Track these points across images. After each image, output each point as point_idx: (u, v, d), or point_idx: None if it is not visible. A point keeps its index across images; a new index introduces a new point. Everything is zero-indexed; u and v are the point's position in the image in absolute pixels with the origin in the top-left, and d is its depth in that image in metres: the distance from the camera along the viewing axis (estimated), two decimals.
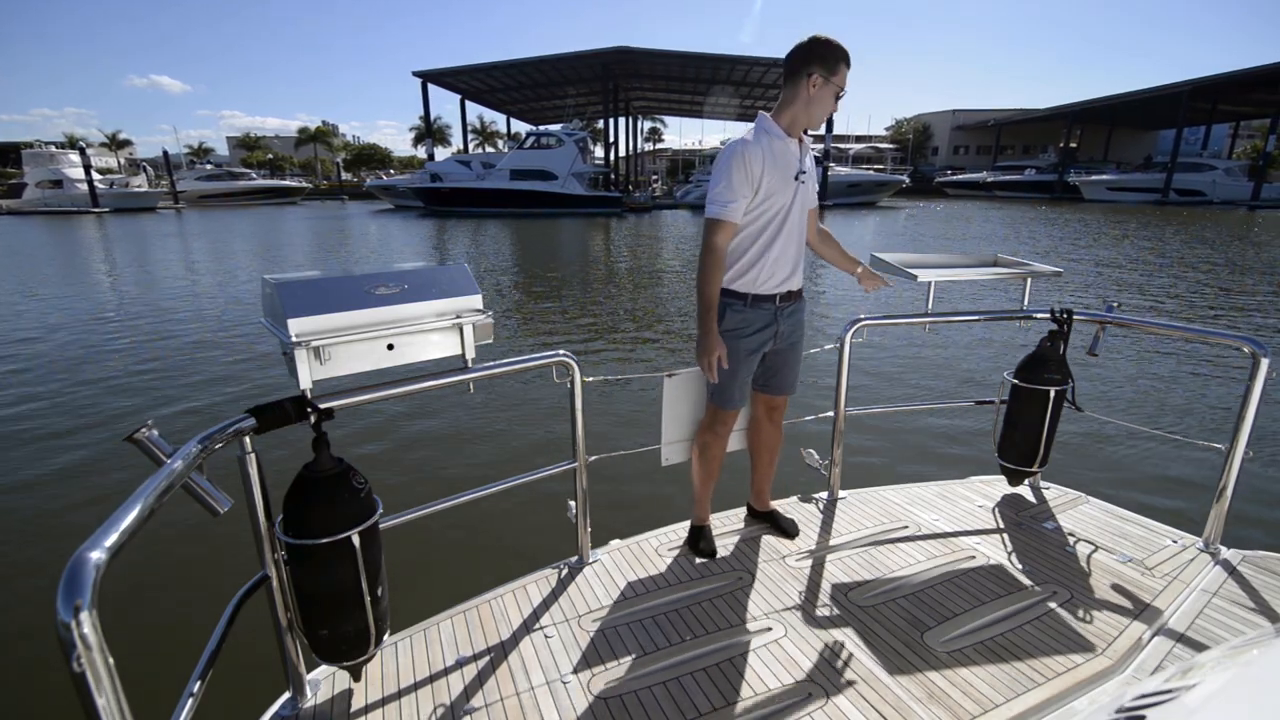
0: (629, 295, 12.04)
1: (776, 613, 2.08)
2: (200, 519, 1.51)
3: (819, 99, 2.05)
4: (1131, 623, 2.03)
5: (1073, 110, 58.05)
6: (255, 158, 76.44)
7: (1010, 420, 2.80)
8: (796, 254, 2.21)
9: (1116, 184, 48.74)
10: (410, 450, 5.07)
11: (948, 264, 2.79)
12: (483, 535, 3.73)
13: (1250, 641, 1.05)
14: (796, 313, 2.30)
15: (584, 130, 42.29)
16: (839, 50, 2.02)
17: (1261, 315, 9.74)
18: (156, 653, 2.68)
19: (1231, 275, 13.42)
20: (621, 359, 7.70)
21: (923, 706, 1.69)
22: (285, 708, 1.70)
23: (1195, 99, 46.99)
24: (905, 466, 4.60)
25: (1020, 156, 68.85)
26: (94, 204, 42.71)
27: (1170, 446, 4.85)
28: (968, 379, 6.73)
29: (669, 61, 41.00)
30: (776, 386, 2.39)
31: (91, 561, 0.89)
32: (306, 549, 1.48)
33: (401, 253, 20.39)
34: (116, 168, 62.97)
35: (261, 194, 54.12)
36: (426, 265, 1.79)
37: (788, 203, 2.11)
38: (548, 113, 58.15)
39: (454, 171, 40.25)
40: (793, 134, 2.11)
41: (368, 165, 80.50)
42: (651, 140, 79.67)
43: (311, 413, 1.51)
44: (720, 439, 2.40)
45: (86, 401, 6.18)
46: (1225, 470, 2.37)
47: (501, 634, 1.99)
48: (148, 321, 9.77)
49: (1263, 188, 43.35)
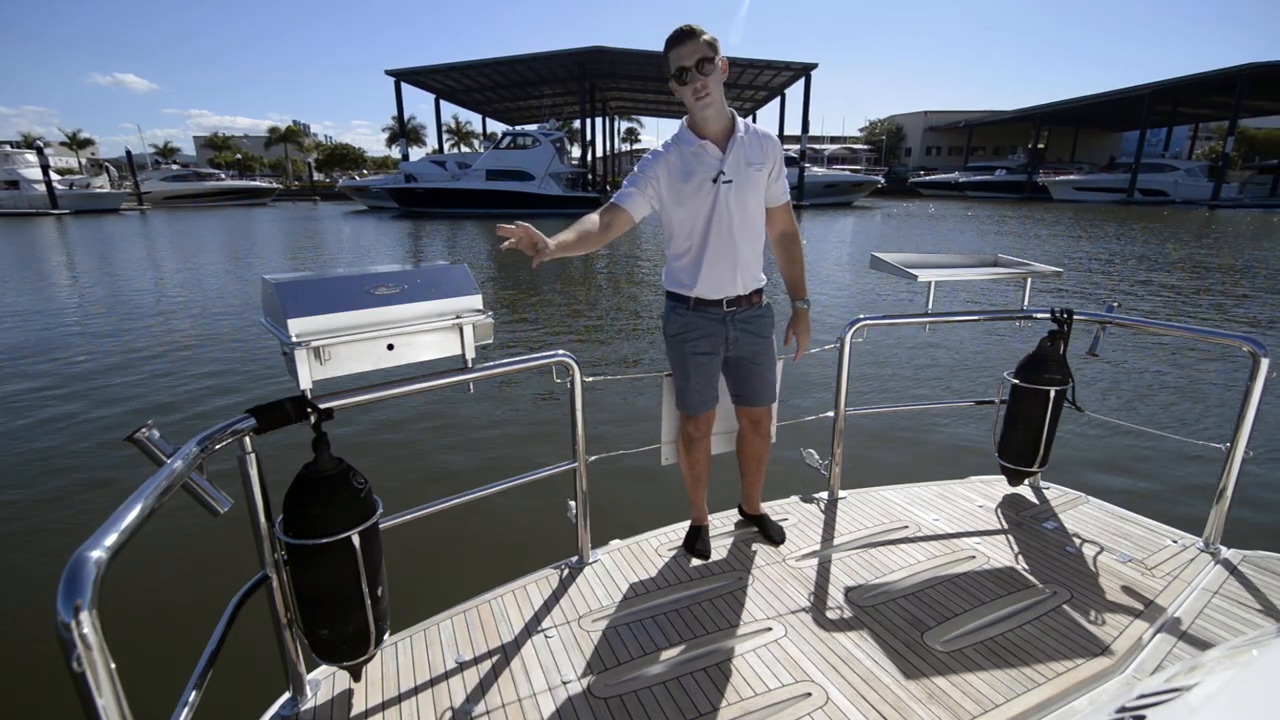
0: (615, 296, 12.03)
1: (777, 613, 2.09)
2: (200, 519, 1.49)
3: (681, 95, 1.98)
4: (1132, 623, 2.03)
5: (1040, 112, 59.39)
6: (224, 158, 74.77)
7: (1010, 420, 2.80)
8: (735, 259, 2.10)
9: (1083, 184, 49.88)
10: (410, 450, 5.05)
11: (948, 264, 2.80)
12: (483, 535, 3.72)
13: (1251, 641, 1.06)
14: (754, 320, 2.21)
15: (561, 130, 42.12)
16: (667, 44, 1.95)
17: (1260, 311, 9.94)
18: (156, 652, 2.64)
19: (1226, 276, 13.61)
20: (620, 359, 7.70)
21: (923, 706, 1.70)
22: (285, 708, 1.69)
23: (1157, 102, 48.39)
24: (905, 466, 4.60)
25: (991, 157, 70.15)
26: (53, 205, 41.26)
27: (1170, 446, 4.86)
28: (968, 379, 6.75)
29: (645, 61, 41.02)
30: (748, 397, 2.32)
31: (91, 561, 0.89)
32: (306, 549, 1.48)
33: (377, 255, 20.12)
34: (77, 168, 61.17)
35: (230, 195, 52.95)
36: (426, 265, 1.78)
37: (707, 208, 2.04)
38: (524, 113, 57.82)
39: (429, 172, 39.78)
40: (706, 136, 2.03)
41: (341, 166, 79.32)
42: (629, 140, 79.76)
43: (311, 413, 1.51)
44: (697, 442, 2.37)
45: (67, 404, 6.04)
46: (1225, 470, 2.37)
47: (501, 634, 1.99)
48: (101, 324, 9.53)
49: (1222, 188, 44.80)
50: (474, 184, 37.42)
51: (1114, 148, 67.87)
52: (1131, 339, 7.83)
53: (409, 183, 38.96)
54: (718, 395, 2.33)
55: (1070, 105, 55.84)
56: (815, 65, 42.22)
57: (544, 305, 11.03)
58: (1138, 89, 47.95)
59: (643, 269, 15.55)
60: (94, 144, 72.63)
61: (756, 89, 48.00)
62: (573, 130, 53.33)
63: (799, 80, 44.39)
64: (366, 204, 45.23)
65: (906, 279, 2.59)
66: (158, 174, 53.89)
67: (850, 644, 1.94)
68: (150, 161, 64.82)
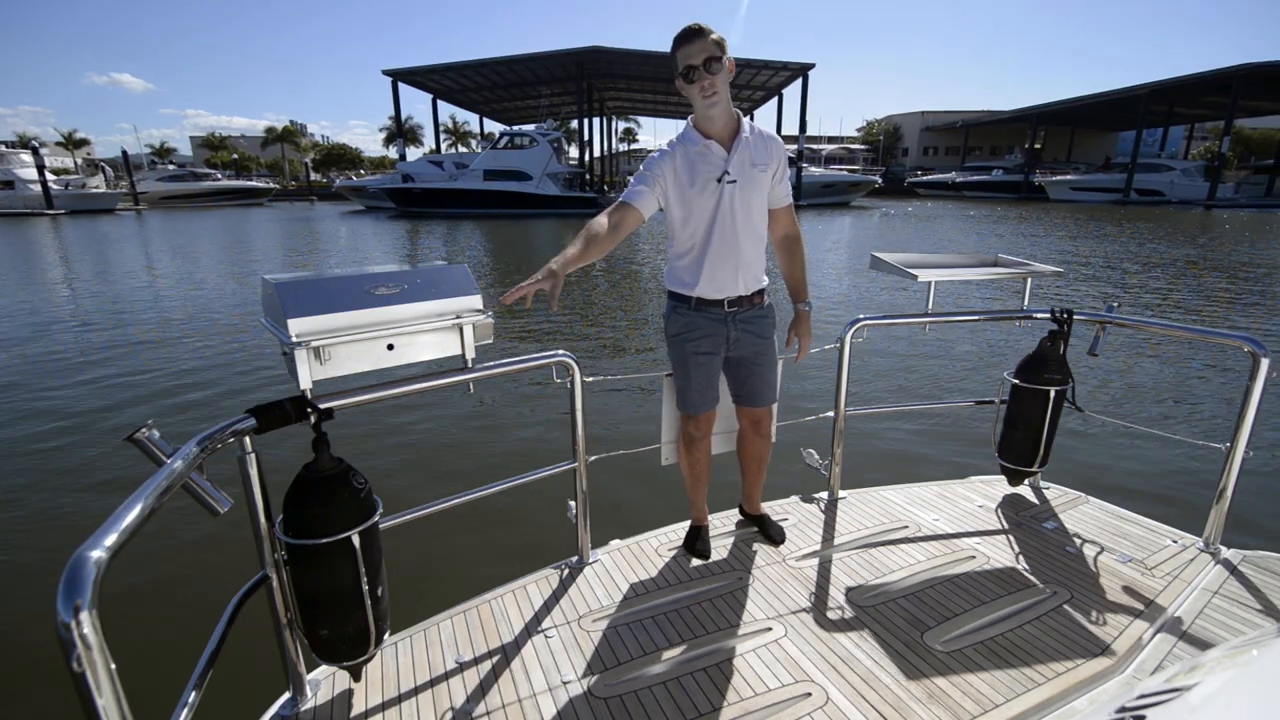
0: (614, 296, 12.02)
1: (777, 613, 2.09)
2: (200, 519, 1.49)
3: (688, 94, 2.00)
4: (1132, 623, 2.03)
5: (1037, 112, 59.51)
6: (220, 158, 74.51)
7: (1010, 420, 2.80)
8: (738, 259, 2.11)
9: (1080, 184, 49.98)
10: (410, 450, 5.05)
11: (948, 264, 2.79)
12: (483, 535, 3.71)
13: (1251, 641, 1.06)
14: (755, 320, 2.21)
15: (558, 130, 42.08)
16: (675, 42, 1.95)
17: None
18: (156, 652, 2.64)
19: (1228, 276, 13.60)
20: (620, 359, 7.69)
21: (923, 706, 1.70)
22: (285, 708, 1.69)
23: (1153, 102, 48.52)
24: (905, 466, 4.60)
25: (987, 157, 70.34)
26: (48, 205, 41.15)
27: (1170, 446, 4.86)
28: (968, 379, 6.75)
29: (643, 61, 41.03)
30: (748, 398, 2.33)
31: (91, 561, 0.89)
32: (306, 549, 1.48)
33: (374, 256, 20.09)
34: (73, 168, 60.99)
35: (226, 195, 52.81)
36: (426, 265, 1.78)
37: (711, 208, 2.05)
38: (521, 113, 57.75)
39: (426, 172, 39.70)
40: (711, 136, 2.03)
41: (337, 166, 79.11)
42: (626, 140, 79.77)
43: (311, 413, 1.51)
44: (697, 442, 2.37)
45: (68, 403, 6.01)
46: (1225, 470, 2.36)
47: (501, 634, 1.99)
48: (101, 322, 9.51)
49: (1218, 188, 44.93)
50: (471, 184, 37.37)
51: (1110, 148, 68.08)
52: (1131, 339, 7.83)
53: (406, 183, 38.88)
54: (719, 395, 2.33)
55: (1067, 105, 55.97)
56: (813, 65, 42.31)
57: (544, 305, 10.98)
58: (1134, 89, 48.08)
59: (642, 270, 15.56)
60: (90, 144, 72.55)
61: (754, 89, 48.03)
62: (570, 130, 53.25)
63: (796, 80, 44.47)
64: (364, 204, 45.20)
65: (907, 279, 2.60)
66: (154, 174, 53.65)
67: (850, 644, 1.94)
68: (146, 161, 64.51)
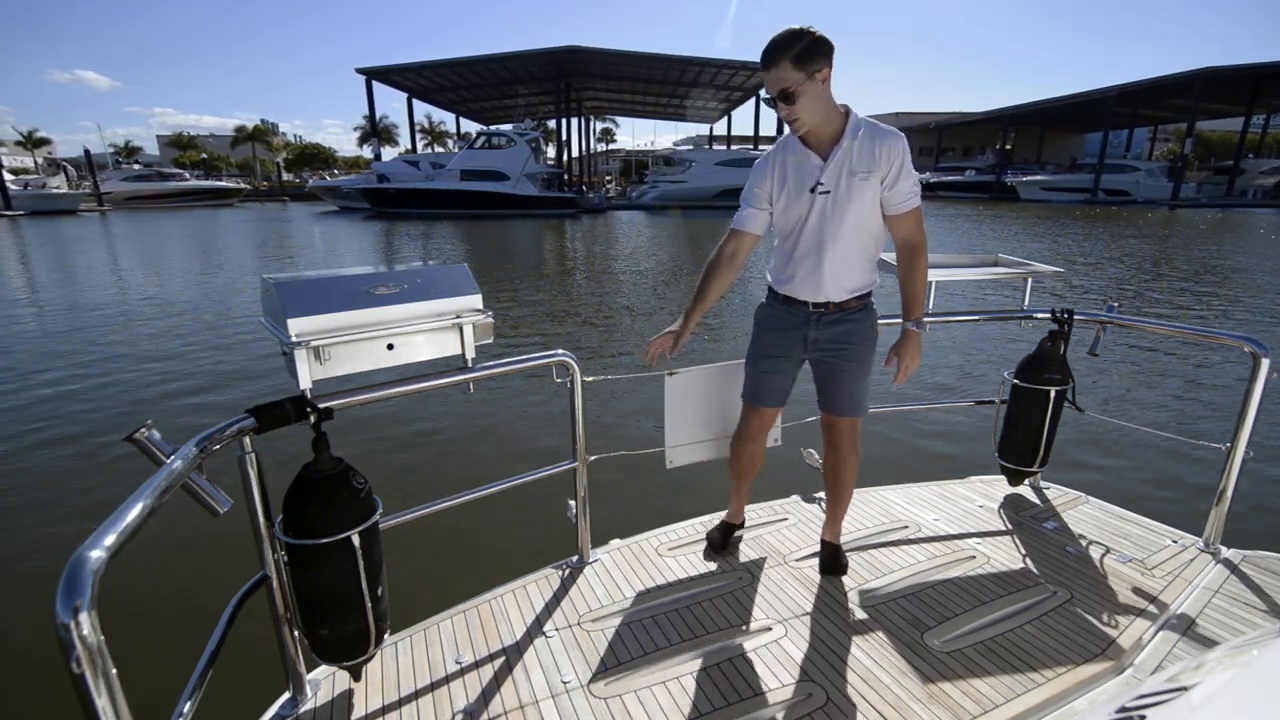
0: (615, 296, 12.02)
1: (777, 613, 2.09)
2: (200, 519, 1.48)
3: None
4: (1132, 623, 2.02)
5: (1009, 114, 60.80)
6: (188, 158, 72.81)
7: (1010, 420, 2.79)
8: (825, 269, 2.04)
9: (1050, 184, 51.16)
10: (410, 450, 5.02)
11: (948, 264, 2.78)
12: (483, 535, 3.70)
13: (1251, 641, 1.04)
14: (838, 324, 2.11)
15: (536, 130, 41.91)
16: (760, 61, 1.90)
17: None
18: (156, 653, 2.60)
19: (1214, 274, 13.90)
20: (620, 359, 7.69)
21: (923, 706, 1.69)
22: (285, 708, 1.68)
23: (1119, 104, 49.91)
24: (905, 467, 4.61)
25: (961, 158, 71.68)
26: (6, 207, 39.91)
27: (1170, 446, 4.86)
28: (968, 379, 6.77)
29: (621, 61, 41.07)
30: (824, 403, 2.22)
31: (91, 561, 0.88)
32: (306, 549, 1.47)
33: (351, 258, 19.82)
34: (33, 168, 59.14)
35: (195, 195, 51.64)
36: (426, 265, 1.78)
37: (802, 216, 2.03)
38: (498, 112, 57.42)
39: (401, 172, 39.30)
40: (810, 145, 1.99)
41: (311, 166, 77.89)
42: (605, 140, 79.66)
43: (311, 413, 1.50)
44: (744, 438, 2.30)
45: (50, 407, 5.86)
46: (1225, 470, 2.36)
47: (501, 634, 1.98)
48: (92, 323, 9.25)
49: (1181, 188, 46.30)
50: (448, 184, 37.07)
51: (1076, 149, 69.78)
52: (1132, 339, 7.84)
53: (381, 183, 38.44)
54: (783, 400, 2.27)
55: (1037, 107, 57.28)
56: None
57: (544, 305, 10.99)
58: (1101, 91, 49.42)
59: (642, 270, 15.56)
60: (51, 143, 70.04)
61: (732, 89, 48.33)
62: (548, 130, 53.07)
63: None
64: (337, 204, 44.54)
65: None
66: (119, 174, 52.23)
67: (850, 644, 1.93)
68: (111, 161, 62.78)
